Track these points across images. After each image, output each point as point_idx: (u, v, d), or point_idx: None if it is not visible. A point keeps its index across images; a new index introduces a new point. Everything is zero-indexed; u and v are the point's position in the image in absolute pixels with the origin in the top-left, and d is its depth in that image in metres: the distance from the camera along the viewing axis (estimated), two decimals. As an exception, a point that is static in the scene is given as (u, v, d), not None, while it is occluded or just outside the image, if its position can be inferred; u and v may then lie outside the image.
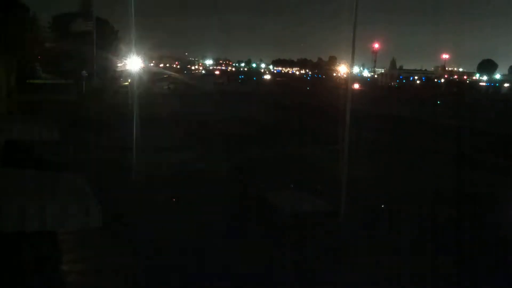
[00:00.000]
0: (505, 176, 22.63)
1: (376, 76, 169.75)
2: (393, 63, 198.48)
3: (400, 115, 47.06)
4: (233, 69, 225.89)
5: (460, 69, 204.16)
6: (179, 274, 11.10)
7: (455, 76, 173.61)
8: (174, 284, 10.85)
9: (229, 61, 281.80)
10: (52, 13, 66.58)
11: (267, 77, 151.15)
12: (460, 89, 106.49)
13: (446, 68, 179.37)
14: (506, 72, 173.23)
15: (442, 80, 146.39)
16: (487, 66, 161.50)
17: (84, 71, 50.08)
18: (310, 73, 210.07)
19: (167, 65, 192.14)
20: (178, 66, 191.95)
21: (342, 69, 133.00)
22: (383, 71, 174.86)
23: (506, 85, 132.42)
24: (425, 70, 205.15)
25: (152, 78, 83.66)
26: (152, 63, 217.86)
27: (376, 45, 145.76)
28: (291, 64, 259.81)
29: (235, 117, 39.83)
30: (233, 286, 10.84)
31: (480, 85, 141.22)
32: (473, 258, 12.72)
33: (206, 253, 12.21)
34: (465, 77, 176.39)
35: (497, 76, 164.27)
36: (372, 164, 22.99)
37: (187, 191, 17.74)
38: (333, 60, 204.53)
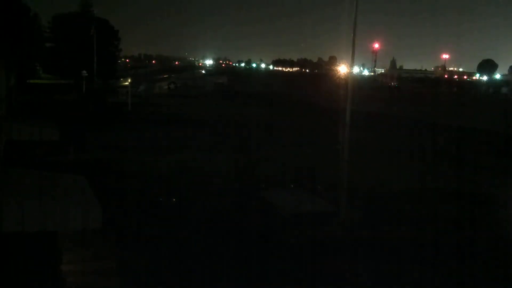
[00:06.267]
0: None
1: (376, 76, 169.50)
2: (393, 63, 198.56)
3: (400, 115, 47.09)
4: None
5: (460, 69, 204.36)
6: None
7: (455, 76, 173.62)
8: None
9: (229, 61, 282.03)
10: (52, 13, 66.70)
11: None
12: (460, 89, 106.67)
13: (446, 68, 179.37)
14: (506, 72, 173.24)
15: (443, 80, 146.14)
16: (487, 66, 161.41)
17: (84, 71, 50.09)
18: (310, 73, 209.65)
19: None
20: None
21: (342, 69, 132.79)
22: (383, 71, 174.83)
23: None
24: (425, 70, 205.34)
25: (153, 78, 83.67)
26: (153, 63, 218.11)
27: (376, 45, 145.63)
28: (291, 64, 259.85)
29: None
30: (232, 286, 10.83)
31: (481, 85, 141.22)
32: (475, 264, 12.70)
33: (202, 254, 12.20)
34: (465, 77, 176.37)
35: (497, 76, 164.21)
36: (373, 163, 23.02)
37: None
38: (333, 60, 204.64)
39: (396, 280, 11.39)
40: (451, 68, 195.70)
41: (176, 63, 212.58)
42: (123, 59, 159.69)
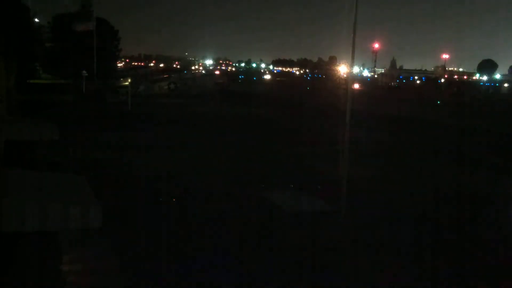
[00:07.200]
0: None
1: (376, 76, 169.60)
2: (393, 63, 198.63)
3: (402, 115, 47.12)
4: (233, 69, 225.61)
5: (460, 69, 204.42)
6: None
7: (455, 76, 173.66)
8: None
9: (229, 61, 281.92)
10: (52, 13, 66.77)
11: (267, 77, 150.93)
12: (460, 89, 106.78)
13: (446, 68, 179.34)
14: (506, 72, 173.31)
15: (442, 80, 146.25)
16: (487, 66, 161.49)
17: (84, 71, 50.11)
18: (310, 73, 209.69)
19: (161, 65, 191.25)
20: (179, 66, 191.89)
21: (342, 69, 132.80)
22: (383, 71, 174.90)
23: (506, 85, 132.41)
24: (425, 70, 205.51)
25: (153, 78, 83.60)
26: (153, 63, 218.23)
27: (376, 45, 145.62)
28: (291, 64, 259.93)
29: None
30: (231, 286, 10.83)
31: (480, 85, 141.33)
32: (471, 261, 12.69)
33: (202, 255, 12.20)
34: (465, 77, 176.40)
35: (497, 76, 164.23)
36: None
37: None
38: (333, 60, 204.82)
39: (396, 281, 11.38)
40: (451, 68, 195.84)
41: (176, 63, 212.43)
42: (123, 59, 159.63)
